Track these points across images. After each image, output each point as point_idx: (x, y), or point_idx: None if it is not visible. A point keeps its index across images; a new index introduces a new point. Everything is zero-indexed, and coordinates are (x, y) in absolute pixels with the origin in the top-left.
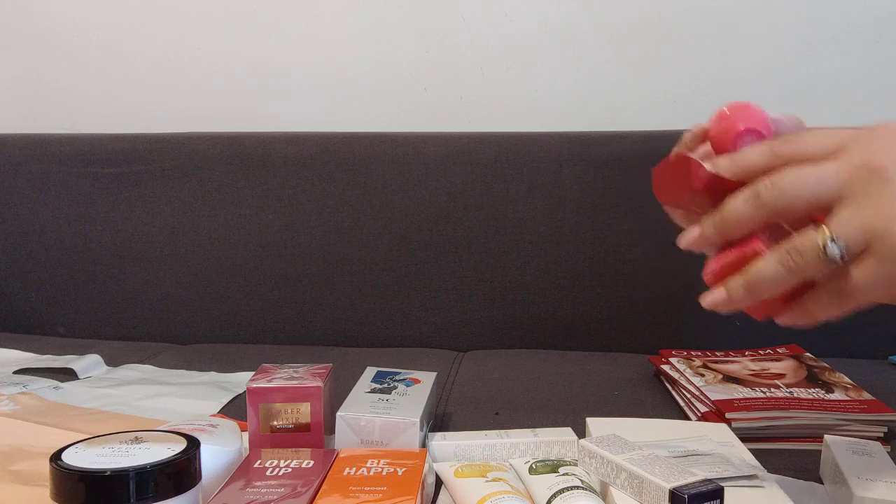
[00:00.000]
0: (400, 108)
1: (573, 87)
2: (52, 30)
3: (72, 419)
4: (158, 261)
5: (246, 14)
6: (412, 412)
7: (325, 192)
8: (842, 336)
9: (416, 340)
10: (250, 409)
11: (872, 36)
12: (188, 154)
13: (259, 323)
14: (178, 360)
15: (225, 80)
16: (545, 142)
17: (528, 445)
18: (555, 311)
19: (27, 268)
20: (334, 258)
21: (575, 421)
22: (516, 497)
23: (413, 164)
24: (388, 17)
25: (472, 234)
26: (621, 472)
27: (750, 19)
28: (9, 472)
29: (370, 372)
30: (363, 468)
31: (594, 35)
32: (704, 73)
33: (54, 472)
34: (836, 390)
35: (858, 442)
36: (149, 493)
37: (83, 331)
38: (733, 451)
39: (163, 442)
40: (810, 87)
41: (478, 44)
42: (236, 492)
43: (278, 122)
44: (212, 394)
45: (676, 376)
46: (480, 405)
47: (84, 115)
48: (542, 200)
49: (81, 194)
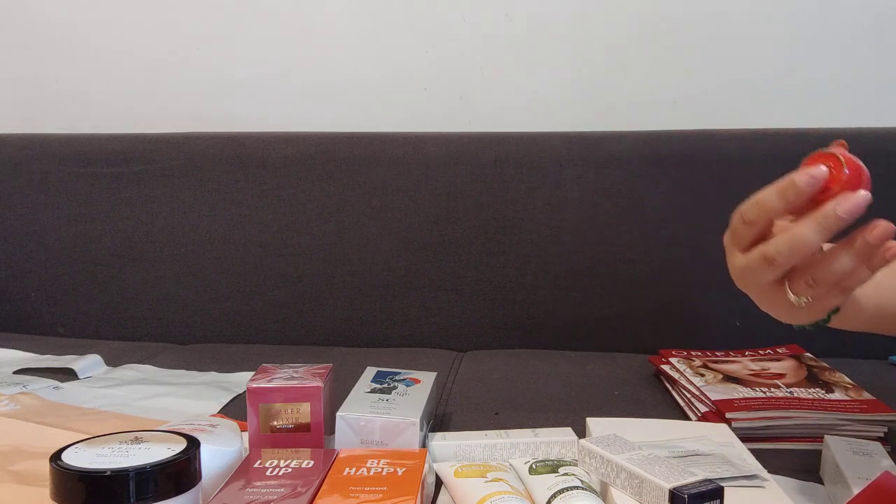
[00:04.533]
0: (400, 108)
1: (573, 87)
2: (52, 30)
3: (72, 419)
4: (158, 261)
5: (246, 14)
6: (412, 412)
7: (325, 192)
8: (842, 336)
9: (416, 340)
10: (250, 409)
11: (873, 36)
12: (188, 154)
13: (259, 323)
14: (178, 360)
15: (225, 80)
16: (545, 142)
17: (528, 445)
18: (555, 311)
19: (27, 268)
20: (334, 258)
21: (575, 421)
22: (516, 497)
23: (413, 164)
24: (389, 18)
25: (472, 234)
26: (621, 472)
27: (750, 20)
28: (9, 472)
29: (370, 372)
30: (363, 468)
31: (594, 35)
32: (704, 73)
33: (54, 472)
34: (836, 390)
35: (858, 442)
36: (149, 493)
37: (83, 331)
38: (733, 451)
39: (163, 442)
40: (810, 88)
41: (478, 44)
42: (236, 492)
43: (278, 122)
44: (212, 394)
45: (676, 376)
46: (480, 405)
47: (84, 115)
48: (542, 200)
49: (81, 194)
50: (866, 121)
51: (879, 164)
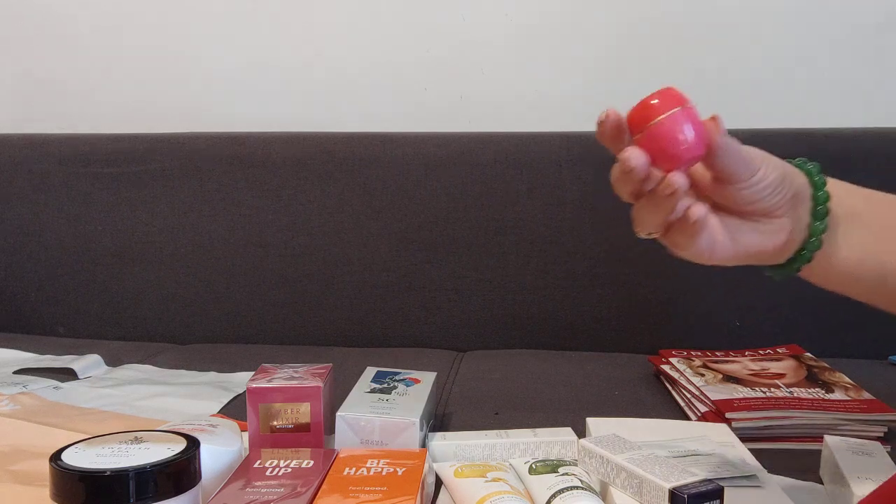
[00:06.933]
0: (400, 108)
1: (573, 87)
2: (53, 29)
3: (72, 419)
4: (158, 261)
5: (246, 14)
6: (412, 412)
7: (325, 192)
8: (842, 336)
9: (416, 340)
10: (250, 409)
11: (873, 36)
12: (188, 154)
13: (259, 323)
14: (178, 360)
15: (225, 80)
16: (545, 142)
17: (528, 445)
18: (555, 311)
19: (27, 268)
20: (334, 258)
21: (575, 421)
22: (516, 497)
23: (413, 164)
24: (389, 17)
25: (472, 234)
26: (621, 472)
27: (750, 20)
28: (9, 472)
29: (370, 372)
30: (363, 468)
31: (594, 35)
32: (704, 73)
33: (54, 472)
34: (836, 390)
35: (858, 442)
36: (149, 493)
37: (83, 331)
38: (733, 451)
39: (163, 442)
40: (810, 88)
41: (478, 44)
42: (236, 492)
43: (278, 122)
44: (212, 394)
45: (676, 376)
46: (480, 405)
47: (84, 114)
48: (542, 200)
49: (81, 194)
50: (866, 121)
51: (880, 164)
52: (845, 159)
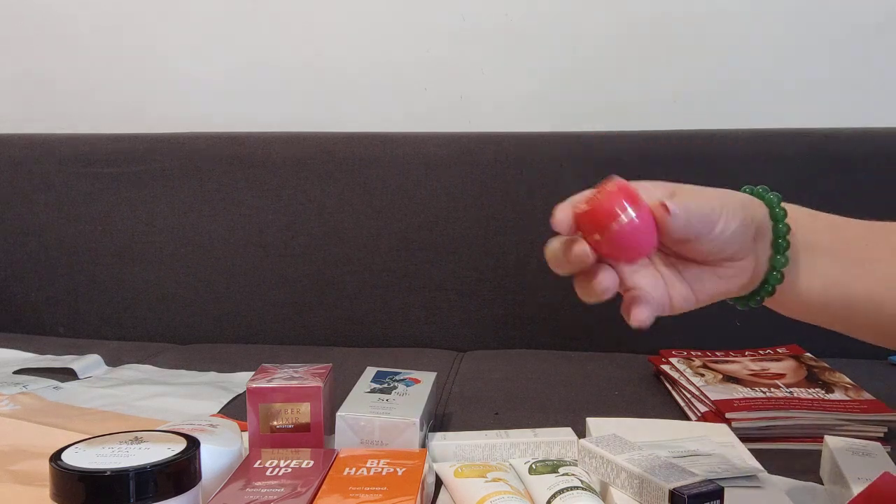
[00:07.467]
0: (400, 108)
1: (573, 87)
2: (52, 29)
3: (72, 419)
4: (158, 261)
5: (246, 14)
6: (412, 412)
7: (325, 192)
8: (842, 336)
9: (416, 340)
10: (250, 409)
11: (871, 37)
12: (188, 154)
13: (259, 323)
14: (178, 360)
15: (225, 80)
16: (545, 142)
17: (528, 445)
18: (555, 311)
19: (27, 268)
20: (334, 258)
21: (575, 421)
22: (516, 497)
23: (413, 164)
24: (389, 17)
25: (472, 234)
26: (621, 473)
27: (750, 19)
28: (9, 472)
29: (370, 372)
30: (363, 468)
31: (594, 35)
32: (704, 72)
33: (54, 472)
34: (836, 390)
35: (858, 442)
36: (149, 493)
37: (83, 331)
38: (733, 451)
39: (163, 442)
40: (809, 88)
41: (478, 44)
42: (236, 492)
43: (278, 122)
44: (212, 394)
45: (676, 376)
46: (480, 405)
47: (84, 114)
48: (542, 200)
49: (81, 194)
50: (866, 121)
51: (879, 164)
52: (845, 159)
